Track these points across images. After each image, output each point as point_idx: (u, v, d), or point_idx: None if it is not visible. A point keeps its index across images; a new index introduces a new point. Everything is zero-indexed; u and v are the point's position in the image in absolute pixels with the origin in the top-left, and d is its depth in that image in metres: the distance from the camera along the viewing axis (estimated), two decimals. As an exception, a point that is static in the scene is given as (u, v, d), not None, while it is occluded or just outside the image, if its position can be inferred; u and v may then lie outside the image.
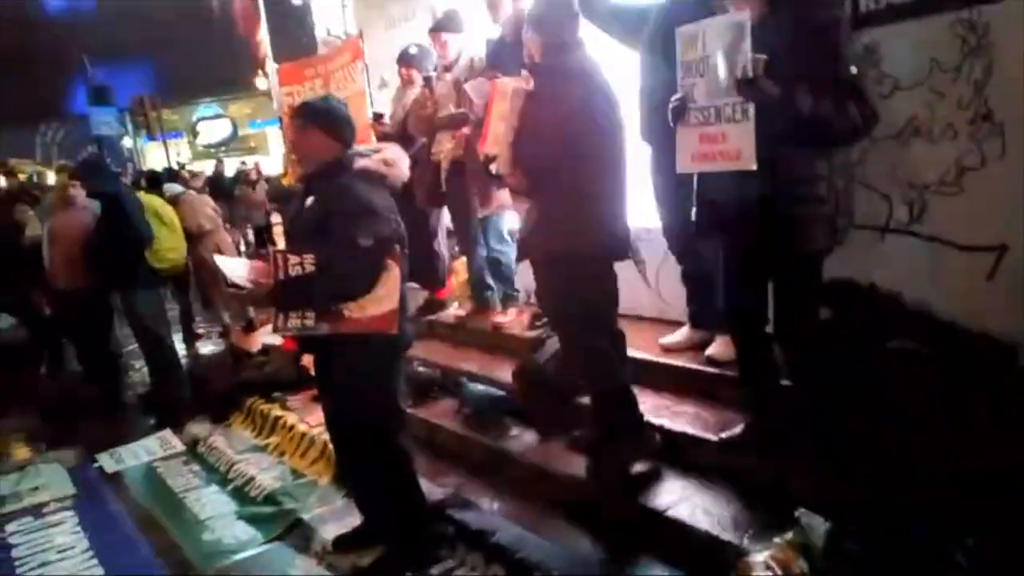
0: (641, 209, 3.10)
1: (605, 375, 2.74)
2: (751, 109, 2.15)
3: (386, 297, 2.48)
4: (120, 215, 4.75)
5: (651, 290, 3.39)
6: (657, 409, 2.97)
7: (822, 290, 2.46)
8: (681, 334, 3.32)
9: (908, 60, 2.59)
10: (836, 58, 2.18)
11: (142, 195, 5.57)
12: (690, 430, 2.84)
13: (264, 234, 12.30)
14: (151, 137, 20.21)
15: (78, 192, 5.02)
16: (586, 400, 2.95)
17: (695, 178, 2.48)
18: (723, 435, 2.69)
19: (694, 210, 2.50)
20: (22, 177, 14.63)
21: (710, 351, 3.10)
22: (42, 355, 6.40)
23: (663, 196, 3.11)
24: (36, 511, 3.88)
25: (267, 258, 2.48)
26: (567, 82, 2.58)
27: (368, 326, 2.46)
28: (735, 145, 2.21)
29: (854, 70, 2.25)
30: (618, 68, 2.96)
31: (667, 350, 3.30)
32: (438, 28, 4.17)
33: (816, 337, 2.40)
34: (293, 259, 2.39)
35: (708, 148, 2.31)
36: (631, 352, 2.90)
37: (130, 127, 20.07)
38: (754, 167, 2.16)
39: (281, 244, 7.14)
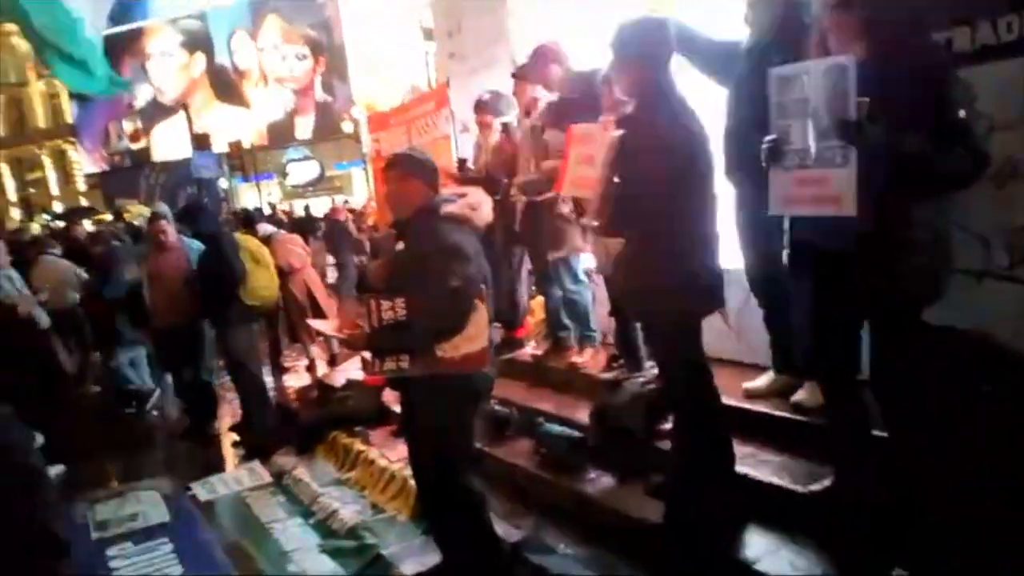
0: (722, 249, 3.07)
1: (706, 419, 2.70)
2: (853, 153, 2.12)
3: (477, 336, 2.59)
4: (218, 255, 5.06)
5: (732, 333, 3.33)
6: (740, 458, 2.88)
7: (923, 339, 2.36)
8: (765, 379, 3.24)
9: (1004, 100, 2.49)
10: (944, 101, 2.12)
11: (238, 235, 5.91)
12: (775, 480, 2.75)
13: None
14: (245, 179, 21.47)
15: (170, 235, 5.38)
16: (666, 444, 2.92)
17: (787, 220, 2.44)
18: (811, 487, 2.59)
19: (786, 252, 2.46)
20: (127, 217, 15.76)
21: (796, 397, 3.01)
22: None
23: (747, 237, 3.07)
24: (134, 537, 4.08)
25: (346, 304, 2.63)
26: (662, 129, 2.53)
27: (462, 365, 2.56)
28: (835, 190, 2.17)
29: (963, 113, 2.17)
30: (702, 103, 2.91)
31: (750, 396, 3.22)
32: (518, 74, 4.30)
33: (916, 388, 2.30)
34: (385, 304, 2.50)
35: (805, 191, 2.27)
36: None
37: (226, 169, 21.31)
38: (854, 213, 2.11)
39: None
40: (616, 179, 2.63)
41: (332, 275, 8.75)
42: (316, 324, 3.10)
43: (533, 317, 5.10)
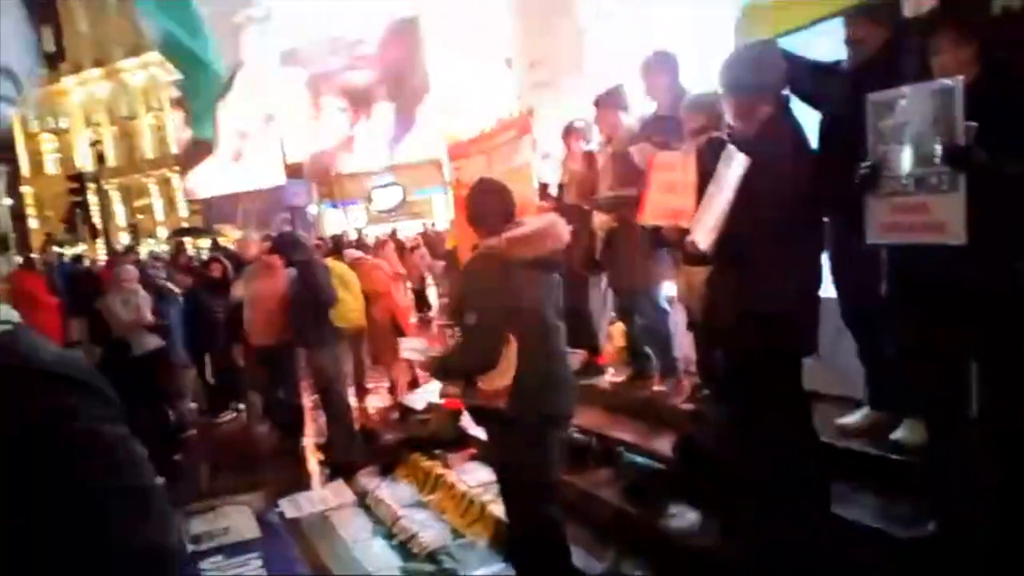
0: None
1: (802, 457, 2.59)
2: (960, 179, 2.02)
3: (507, 370, 2.60)
4: (311, 281, 5.28)
5: (825, 365, 3.20)
6: (833, 497, 2.76)
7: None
8: (860, 415, 3.09)
9: None
10: None
11: (329, 261, 6.15)
12: (872, 523, 2.61)
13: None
14: (333, 204, 22.37)
15: (274, 261, 5.67)
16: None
17: (884, 250, 2.35)
18: (912, 532, 2.44)
19: (884, 283, 2.36)
20: (221, 241, 16.66)
21: (897, 435, 2.85)
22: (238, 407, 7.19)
23: (841, 266, 2.96)
24: (226, 550, 4.25)
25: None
26: (785, 153, 2.47)
27: (493, 399, 2.60)
28: (940, 217, 2.08)
29: None
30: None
31: (844, 432, 3.07)
32: (601, 102, 4.31)
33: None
34: (450, 332, 2.60)
35: (905, 219, 2.19)
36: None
37: (315, 196, 22.28)
38: (963, 241, 2.02)
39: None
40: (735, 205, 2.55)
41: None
42: (407, 343, 3.19)
43: (613, 344, 5.05)
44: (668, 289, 4.19)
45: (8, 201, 19.71)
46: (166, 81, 32.45)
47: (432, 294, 13.40)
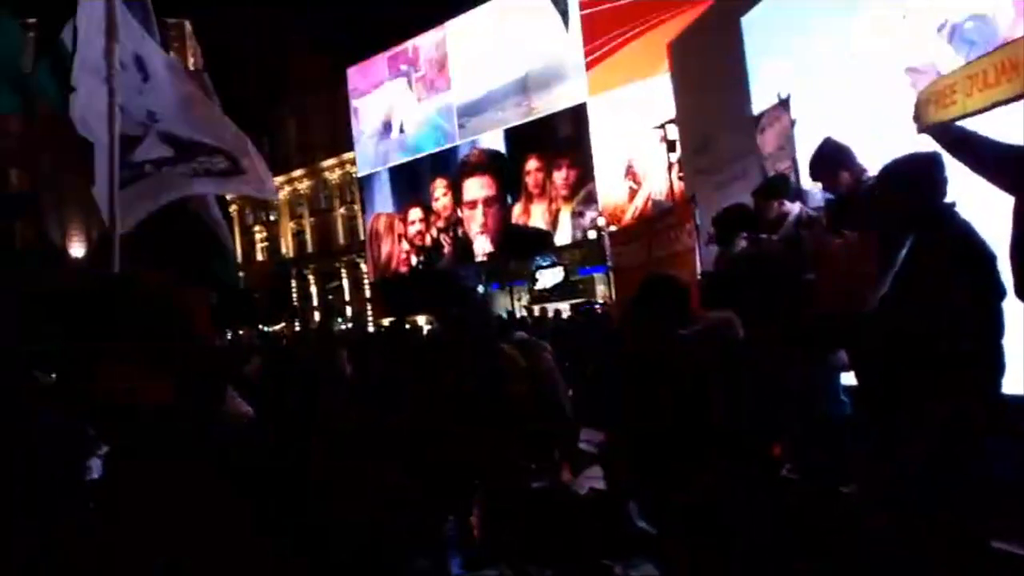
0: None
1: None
2: None
3: None
4: (483, 363, 5.54)
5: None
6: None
7: None
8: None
9: None
10: None
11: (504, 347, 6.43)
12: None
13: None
14: (499, 285, 23.36)
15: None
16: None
17: None
18: None
19: None
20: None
21: None
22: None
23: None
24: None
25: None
26: (946, 246, 2.48)
27: None
28: None
29: None
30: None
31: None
32: (764, 192, 4.28)
33: None
34: None
35: None
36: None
37: (483, 277, 23.44)
38: None
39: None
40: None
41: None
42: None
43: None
44: (847, 379, 3.95)
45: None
46: (357, 177, 36.24)
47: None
